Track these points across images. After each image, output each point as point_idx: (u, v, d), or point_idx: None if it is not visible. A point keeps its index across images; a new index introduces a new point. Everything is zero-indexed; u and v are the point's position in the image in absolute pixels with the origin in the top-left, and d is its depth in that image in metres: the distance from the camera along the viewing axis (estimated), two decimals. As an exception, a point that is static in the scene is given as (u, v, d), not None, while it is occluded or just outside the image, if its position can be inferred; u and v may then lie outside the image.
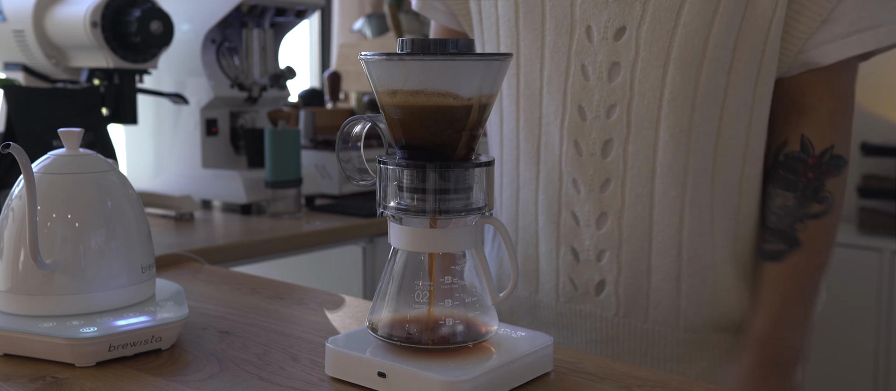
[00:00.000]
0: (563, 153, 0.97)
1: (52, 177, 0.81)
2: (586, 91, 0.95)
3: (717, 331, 0.98)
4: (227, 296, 1.02)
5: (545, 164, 1.00)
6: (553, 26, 0.96)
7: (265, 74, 1.85)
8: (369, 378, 0.71)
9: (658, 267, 0.96)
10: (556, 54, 0.96)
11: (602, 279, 0.98)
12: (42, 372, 0.76)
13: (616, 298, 0.98)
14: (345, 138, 0.75)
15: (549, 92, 0.97)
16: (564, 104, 0.96)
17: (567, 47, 0.95)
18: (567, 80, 0.96)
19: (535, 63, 0.98)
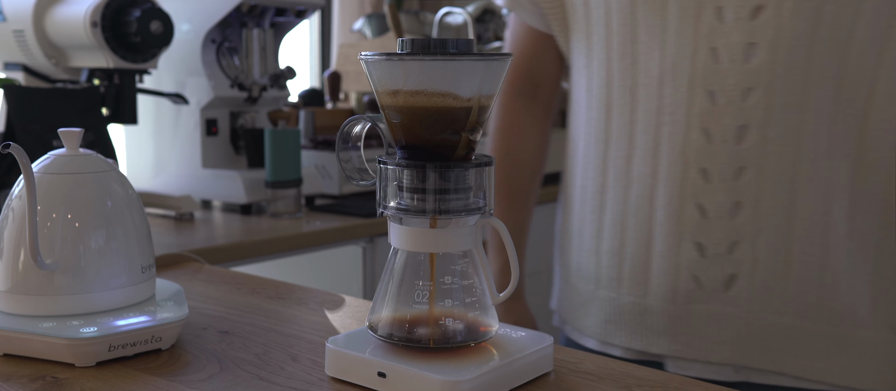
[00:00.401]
0: (689, 142, 0.92)
1: (52, 177, 0.81)
2: (717, 75, 0.90)
3: (860, 327, 0.92)
4: (227, 296, 1.02)
5: (667, 156, 0.95)
6: (677, 10, 0.91)
7: (265, 74, 1.85)
8: (369, 378, 0.71)
9: (799, 256, 0.90)
10: (682, 39, 0.91)
11: (733, 273, 0.93)
12: (42, 372, 0.76)
13: (749, 292, 0.93)
14: (345, 138, 0.75)
15: (673, 79, 0.93)
16: (692, 89, 0.91)
17: (693, 30, 0.91)
18: (695, 64, 0.91)
19: (654, 50, 0.94)
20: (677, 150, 0.93)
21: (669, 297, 0.96)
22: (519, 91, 1.17)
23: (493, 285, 0.74)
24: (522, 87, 1.16)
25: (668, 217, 0.95)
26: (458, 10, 2.60)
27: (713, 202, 0.92)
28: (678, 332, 0.97)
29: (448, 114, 0.68)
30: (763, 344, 0.93)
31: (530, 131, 1.17)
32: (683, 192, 0.94)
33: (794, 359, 0.93)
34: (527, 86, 1.16)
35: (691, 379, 0.79)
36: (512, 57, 0.73)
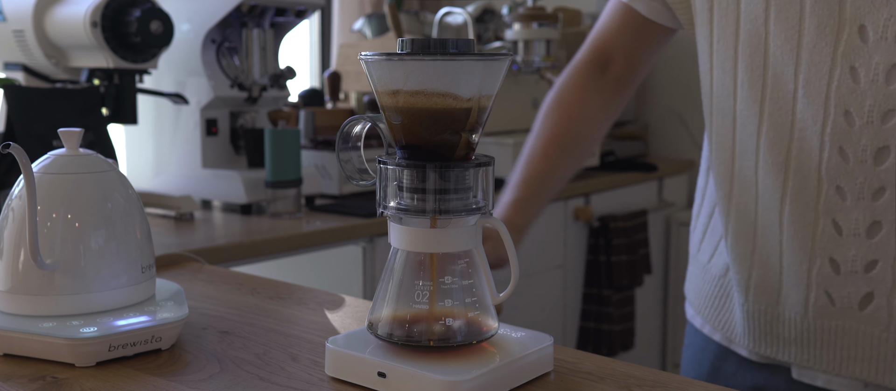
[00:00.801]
0: (823, 159, 0.90)
1: (52, 177, 0.81)
2: (855, 95, 0.87)
3: None
4: (227, 296, 1.02)
5: (797, 172, 0.92)
6: (815, 24, 0.88)
7: (265, 74, 1.85)
8: (369, 378, 0.71)
9: None
10: (818, 56, 0.88)
11: (870, 291, 0.91)
12: (42, 372, 0.76)
13: (888, 312, 0.90)
14: (345, 138, 0.75)
15: (806, 95, 0.90)
16: (827, 108, 0.88)
17: (832, 48, 0.87)
18: (831, 82, 0.88)
19: (788, 64, 0.91)
20: (810, 165, 0.91)
21: (801, 309, 0.95)
22: (590, 59, 1.14)
23: (493, 285, 0.74)
24: (595, 57, 1.14)
25: (799, 232, 0.94)
26: (458, 10, 2.60)
27: (849, 220, 0.90)
28: (808, 344, 0.96)
29: (448, 114, 0.68)
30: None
31: (590, 98, 1.15)
32: (817, 208, 0.92)
33: None
34: (601, 58, 1.14)
35: (691, 379, 0.79)
36: (511, 57, 0.71)
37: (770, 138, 0.93)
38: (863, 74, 0.86)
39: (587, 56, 1.15)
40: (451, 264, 0.72)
